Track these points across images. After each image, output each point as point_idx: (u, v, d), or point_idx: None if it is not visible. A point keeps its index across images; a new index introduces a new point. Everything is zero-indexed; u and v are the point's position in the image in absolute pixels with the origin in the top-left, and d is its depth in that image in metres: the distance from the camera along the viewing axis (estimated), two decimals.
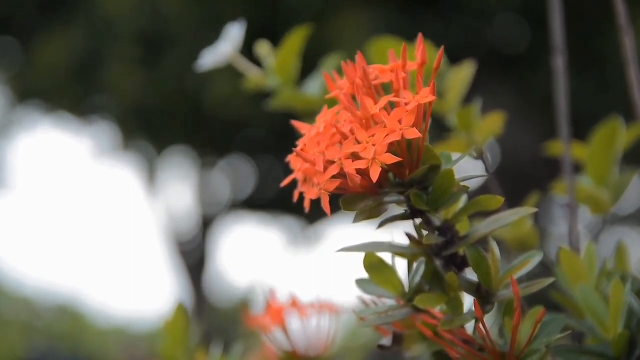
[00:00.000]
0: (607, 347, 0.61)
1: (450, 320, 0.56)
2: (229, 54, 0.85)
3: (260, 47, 0.87)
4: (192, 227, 5.82)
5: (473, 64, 0.81)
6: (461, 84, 0.81)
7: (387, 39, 0.81)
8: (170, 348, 0.80)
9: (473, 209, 0.56)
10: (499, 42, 4.14)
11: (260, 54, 0.87)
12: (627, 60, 0.77)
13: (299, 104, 0.85)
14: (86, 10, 4.12)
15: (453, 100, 0.81)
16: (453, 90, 0.81)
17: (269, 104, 0.86)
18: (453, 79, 0.81)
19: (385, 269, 0.59)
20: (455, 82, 0.81)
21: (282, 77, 0.86)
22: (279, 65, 0.86)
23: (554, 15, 0.84)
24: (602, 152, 0.80)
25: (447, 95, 0.82)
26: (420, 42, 0.55)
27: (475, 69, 0.82)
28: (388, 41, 0.81)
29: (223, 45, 0.85)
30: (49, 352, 5.86)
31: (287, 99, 0.85)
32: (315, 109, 0.83)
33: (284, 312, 0.79)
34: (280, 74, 0.86)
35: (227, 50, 0.84)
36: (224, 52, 0.84)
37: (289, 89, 0.86)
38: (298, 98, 0.85)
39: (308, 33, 0.85)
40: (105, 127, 4.89)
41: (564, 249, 0.67)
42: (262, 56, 0.87)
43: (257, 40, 0.86)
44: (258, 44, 0.87)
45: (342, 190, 0.53)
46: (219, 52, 0.85)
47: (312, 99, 0.84)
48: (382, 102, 0.52)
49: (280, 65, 0.86)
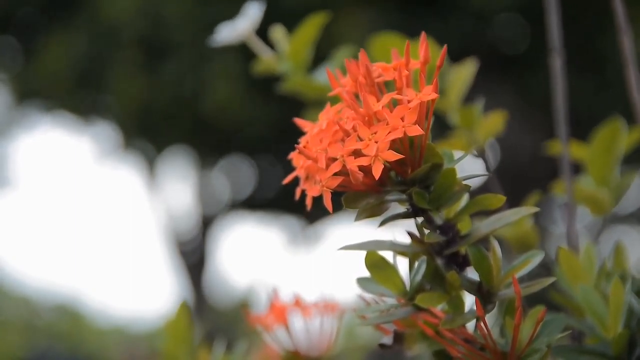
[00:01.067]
0: (607, 347, 0.61)
1: (452, 320, 0.56)
2: (246, 32, 0.84)
3: (276, 31, 0.87)
4: (192, 227, 5.82)
5: (474, 63, 0.82)
6: (462, 82, 0.81)
7: (389, 35, 0.81)
8: (173, 347, 0.80)
9: (475, 208, 0.56)
10: (499, 42, 4.14)
11: (274, 38, 0.87)
12: (626, 61, 0.77)
13: (310, 91, 0.86)
14: (88, 14, 4.13)
15: (454, 98, 0.82)
16: (454, 89, 0.81)
17: (278, 88, 0.87)
18: (454, 78, 0.81)
19: (387, 268, 0.58)
20: (456, 81, 0.81)
21: (294, 63, 0.86)
22: (293, 51, 0.86)
23: (551, 16, 0.84)
24: (604, 152, 0.80)
25: (449, 93, 0.82)
26: (423, 40, 0.55)
27: (476, 69, 0.82)
28: (390, 38, 0.81)
29: (241, 23, 0.85)
30: (49, 352, 5.85)
31: (298, 85, 0.86)
32: (325, 96, 0.84)
33: (287, 312, 0.78)
34: (293, 60, 0.86)
35: (245, 28, 0.84)
36: (241, 29, 0.84)
37: (300, 74, 0.86)
38: (309, 85, 0.86)
39: (323, 22, 0.85)
40: (106, 128, 4.89)
41: (563, 249, 0.67)
42: (276, 40, 0.87)
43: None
44: (273, 28, 0.87)
45: (345, 188, 0.53)
46: (236, 29, 0.84)
47: (322, 87, 0.85)
48: (384, 100, 0.52)
49: (294, 51, 0.86)
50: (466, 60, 0.82)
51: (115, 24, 3.99)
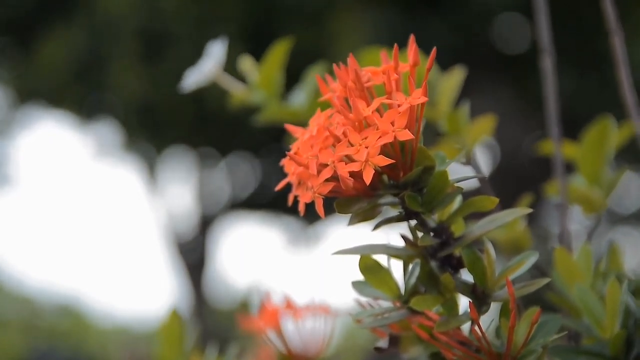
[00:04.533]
0: (604, 347, 0.61)
1: (446, 322, 0.56)
2: (212, 72, 0.84)
3: (244, 62, 0.86)
4: (192, 227, 5.82)
5: (463, 70, 0.81)
6: (452, 90, 0.81)
7: (376, 49, 0.80)
8: (166, 352, 0.80)
9: (468, 210, 0.56)
10: (499, 42, 4.14)
11: (243, 70, 0.86)
12: (617, 62, 0.77)
13: (286, 117, 0.84)
14: (86, 10, 4.13)
15: (444, 106, 0.81)
16: (444, 97, 0.81)
17: (255, 121, 0.86)
18: (444, 86, 0.81)
19: (381, 271, 0.58)
20: (446, 89, 0.81)
21: (266, 92, 0.85)
22: (263, 80, 0.85)
23: (540, 16, 0.84)
24: (594, 151, 0.80)
25: (439, 102, 0.81)
26: (412, 43, 0.55)
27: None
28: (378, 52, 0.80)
29: (206, 64, 0.84)
30: (50, 352, 5.86)
31: (273, 114, 0.85)
32: (302, 120, 0.83)
33: (279, 314, 0.79)
34: (265, 89, 0.85)
35: (211, 68, 0.84)
36: (208, 70, 0.84)
37: (275, 103, 0.85)
38: (284, 111, 0.84)
39: (291, 45, 0.84)
40: (107, 127, 4.89)
41: (558, 250, 0.67)
42: (245, 72, 0.86)
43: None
44: (241, 60, 0.86)
45: (337, 194, 0.53)
46: (202, 71, 0.84)
47: (298, 111, 0.84)
48: (374, 105, 0.52)
49: (264, 80, 0.85)
50: (454, 68, 0.82)
51: (113, 18, 3.99)
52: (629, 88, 0.75)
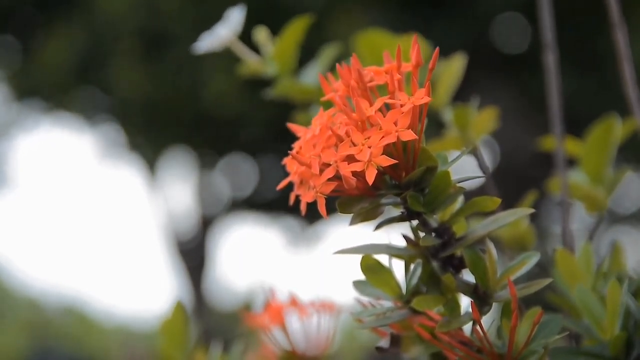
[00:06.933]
0: (604, 348, 0.61)
1: (448, 322, 0.56)
2: (228, 38, 0.83)
3: (259, 33, 0.85)
4: (192, 227, 5.82)
5: (464, 57, 0.81)
6: (452, 78, 0.80)
7: (375, 33, 0.79)
8: (169, 348, 0.80)
9: (470, 211, 0.56)
10: (500, 42, 4.13)
11: (258, 41, 0.85)
12: (620, 57, 0.77)
13: (297, 94, 0.84)
14: (85, 9, 4.12)
15: (444, 94, 0.81)
16: (443, 84, 0.80)
17: (267, 94, 0.85)
18: (443, 73, 0.80)
19: (383, 271, 0.58)
20: (445, 76, 0.80)
21: (280, 66, 0.84)
22: (278, 54, 0.84)
23: (543, 13, 0.84)
24: (598, 149, 0.79)
25: (437, 89, 0.81)
26: (415, 42, 0.55)
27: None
28: (376, 35, 0.79)
29: (222, 29, 0.83)
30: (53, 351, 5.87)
31: (286, 89, 0.84)
32: (313, 99, 0.83)
33: (284, 312, 0.78)
34: (279, 63, 0.84)
35: (226, 34, 0.83)
36: (223, 36, 0.83)
37: (287, 78, 0.84)
38: (296, 88, 0.84)
39: (309, 25, 0.83)
40: (107, 127, 4.89)
41: (560, 250, 0.67)
42: (260, 43, 0.85)
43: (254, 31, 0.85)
44: (257, 30, 0.85)
45: (339, 193, 0.53)
46: (217, 36, 0.83)
47: (309, 89, 0.83)
48: (377, 104, 0.52)
49: (280, 54, 0.84)
50: (455, 55, 0.81)
51: (113, 18, 3.99)
52: (632, 83, 0.75)
